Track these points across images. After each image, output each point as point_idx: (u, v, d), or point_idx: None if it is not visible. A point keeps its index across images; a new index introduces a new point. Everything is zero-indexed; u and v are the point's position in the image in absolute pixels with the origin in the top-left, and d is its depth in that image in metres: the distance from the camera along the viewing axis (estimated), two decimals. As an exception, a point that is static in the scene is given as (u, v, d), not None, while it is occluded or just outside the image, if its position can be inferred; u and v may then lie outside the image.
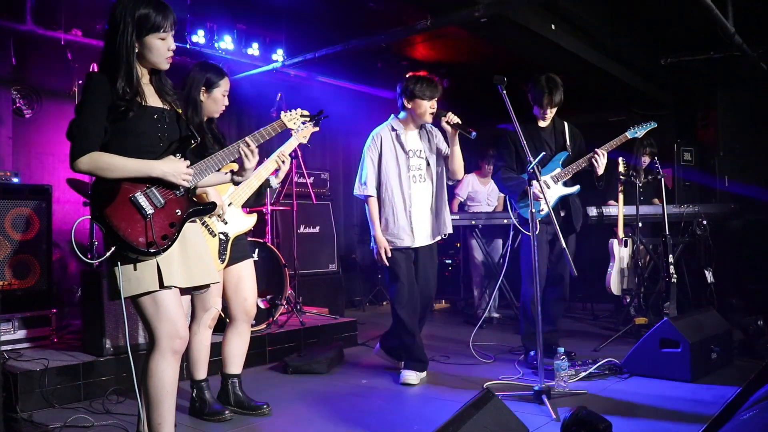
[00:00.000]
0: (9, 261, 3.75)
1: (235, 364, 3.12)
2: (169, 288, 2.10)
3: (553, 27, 5.06)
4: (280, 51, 5.85)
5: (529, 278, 3.86)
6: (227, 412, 2.99)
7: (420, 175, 3.66)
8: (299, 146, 3.34)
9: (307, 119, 2.65)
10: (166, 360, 2.12)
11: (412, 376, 3.58)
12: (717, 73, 6.41)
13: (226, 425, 2.93)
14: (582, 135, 4.10)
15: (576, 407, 2.39)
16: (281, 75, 5.99)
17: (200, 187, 2.37)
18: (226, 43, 5.66)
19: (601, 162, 3.77)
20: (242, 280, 3.05)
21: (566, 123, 4.07)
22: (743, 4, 4.52)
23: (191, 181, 2.17)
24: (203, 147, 2.69)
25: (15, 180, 4.07)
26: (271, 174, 3.18)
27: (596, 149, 3.79)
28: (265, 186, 3.22)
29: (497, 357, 4.22)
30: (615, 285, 5.21)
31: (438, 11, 4.60)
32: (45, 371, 3.19)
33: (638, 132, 3.96)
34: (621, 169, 4.83)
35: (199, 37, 5.51)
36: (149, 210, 2.07)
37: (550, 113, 3.92)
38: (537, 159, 3.26)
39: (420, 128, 3.73)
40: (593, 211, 5.21)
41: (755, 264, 5.72)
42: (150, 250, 2.04)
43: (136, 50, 2.10)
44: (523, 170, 3.58)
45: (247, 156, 2.32)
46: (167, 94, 2.23)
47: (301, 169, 5.49)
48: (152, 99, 2.18)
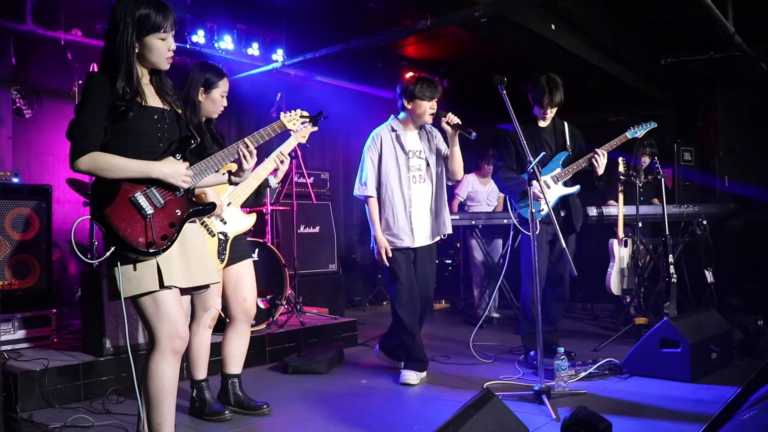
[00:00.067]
0: (9, 261, 3.75)
1: (235, 364, 3.12)
2: (169, 288, 2.10)
3: (553, 27, 5.06)
4: (280, 51, 5.84)
5: (529, 278, 3.86)
6: (227, 412, 2.99)
7: (420, 176, 3.66)
8: (299, 146, 3.34)
9: (307, 120, 2.64)
10: (166, 360, 2.12)
11: (412, 376, 3.58)
12: (717, 73, 6.41)
13: (226, 425, 2.93)
14: (582, 135, 4.10)
15: (576, 407, 2.39)
16: (281, 75, 5.99)
17: (199, 188, 2.37)
18: (226, 43, 5.66)
19: (601, 162, 3.77)
20: (241, 280, 3.05)
21: (566, 123, 4.06)
22: (743, 4, 4.52)
23: (191, 183, 2.17)
24: (202, 147, 2.69)
25: (15, 180, 4.07)
26: (270, 174, 3.17)
27: (596, 149, 3.79)
28: (264, 186, 3.22)
29: (497, 357, 4.22)
30: (615, 285, 5.21)
31: (438, 11, 4.60)
32: (45, 371, 3.19)
33: (638, 132, 3.96)
34: (621, 169, 4.83)
35: (199, 37, 5.51)
36: (149, 210, 2.07)
37: (551, 113, 3.92)
38: (537, 159, 3.26)
39: (420, 129, 3.73)
40: (593, 211, 5.21)
41: (755, 264, 5.71)
42: (150, 250, 2.04)
43: (137, 50, 2.10)
44: (523, 170, 3.58)
45: (246, 157, 2.31)
46: (167, 95, 2.23)
47: (301, 169, 5.49)
48: (152, 99, 2.18)
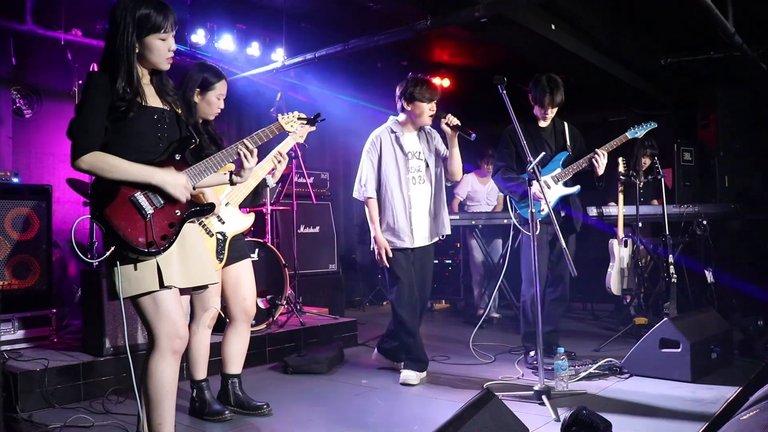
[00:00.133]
0: (9, 261, 3.75)
1: (235, 364, 3.12)
2: (169, 288, 2.10)
3: (553, 27, 5.06)
4: (280, 51, 5.84)
5: (529, 278, 3.86)
6: (227, 412, 2.99)
7: (419, 177, 3.67)
8: (299, 146, 3.34)
9: (305, 122, 2.64)
10: (166, 360, 2.12)
11: (412, 376, 3.58)
12: (717, 73, 6.41)
13: (226, 425, 2.93)
14: (582, 135, 4.09)
15: (576, 407, 2.39)
16: (281, 75, 5.99)
17: (199, 187, 2.37)
18: (226, 43, 5.66)
19: (602, 162, 3.77)
20: (241, 280, 3.05)
21: (566, 123, 4.06)
22: (743, 4, 4.52)
23: (188, 196, 2.15)
24: (199, 148, 2.69)
25: (15, 180, 4.07)
26: (268, 173, 3.17)
27: (596, 149, 3.79)
28: (262, 186, 3.22)
29: (497, 357, 4.21)
30: (615, 285, 5.21)
31: (438, 11, 4.60)
32: (45, 371, 3.18)
33: (638, 132, 3.96)
34: (621, 169, 4.83)
35: (199, 37, 5.51)
36: (149, 210, 2.07)
37: (551, 113, 3.92)
38: (537, 159, 3.26)
39: (419, 130, 3.73)
40: (593, 211, 5.20)
41: (755, 264, 5.71)
42: (150, 250, 2.04)
43: (137, 50, 2.10)
44: (524, 170, 3.58)
45: (246, 157, 2.32)
46: (168, 95, 2.23)
47: (301, 169, 5.48)
48: (152, 99, 2.18)
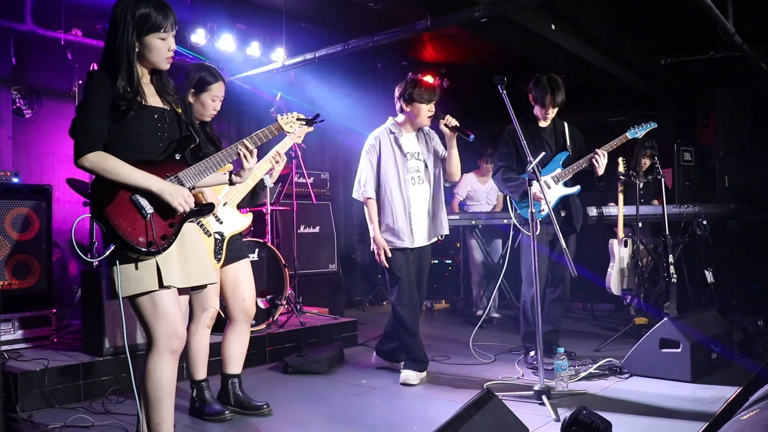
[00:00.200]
0: (9, 261, 3.75)
1: (235, 364, 3.12)
2: (168, 288, 2.10)
3: (553, 27, 5.06)
4: (280, 51, 5.83)
5: (529, 279, 3.86)
6: (227, 412, 2.99)
7: (418, 177, 3.68)
8: (298, 146, 3.34)
9: (304, 123, 2.64)
10: (164, 360, 2.12)
11: (412, 376, 3.58)
12: (717, 73, 6.41)
13: (226, 425, 2.93)
14: (582, 135, 4.09)
15: (576, 407, 2.39)
16: (281, 75, 5.98)
17: (199, 187, 2.37)
18: (226, 43, 5.65)
19: (602, 162, 3.76)
20: (240, 280, 3.05)
21: (566, 123, 4.06)
22: (743, 4, 4.52)
23: (187, 208, 2.13)
24: (197, 147, 2.69)
25: (15, 180, 4.07)
26: (266, 174, 3.17)
27: (597, 149, 3.79)
28: (260, 186, 3.22)
29: (497, 357, 4.21)
30: (615, 285, 5.21)
31: (438, 11, 4.60)
32: (45, 371, 3.18)
33: (638, 132, 3.95)
34: (621, 170, 4.83)
35: (199, 37, 5.51)
36: (149, 210, 2.07)
37: (552, 113, 3.92)
38: (537, 159, 3.26)
39: (418, 131, 3.75)
40: (593, 211, 5.20)
41: (755, 264, 5.71)
42: (150, 250, 2.04)
43: (137, 50, 2.10)
44: (524, 170, 3.58)
45: (246, 157, 2.32)
46: (168, 94, 2.23)
47: (301, 169, 5.48)
48: (152, 99, 2.18)
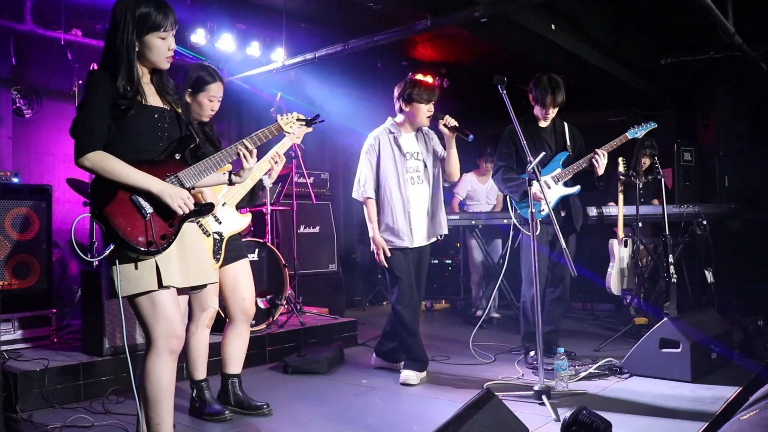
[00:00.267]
0: (9, 261, 3.75)
1: (235, 364, 3.12)
2: (167, 288, 2.10)
3: (553, 27, 5.06)
4: (280, 51, 5.83)
5: (530, 279, 3.86)
6: (227, 412, 2.99)
7: (418, 177, 3.68)
8: (298, 146, 3.34)
9: (303, 123, 2.64)
10: (163, 360, 2.12)
11: (412, 376, 3.58)
12: (717, 73, 6.41)
13: (226, 425, 2.93)
14: (582, 135, 4.09)
15: (576, 407, 2.39)
16: (281, 75, 5.99)
17: (198, 187, 2.37)
18: (226, 43, 5.65)
19: (602, 162, 3.76)
20: (239, 280, 3.05)
21: (566, 123, 4.06)
22: (743, 4, 4.52)
23: (186, 210, 2.13)
24: (195, 147, 2.69)
25: (15, 180, 4.07)
26: (265, 174, 3.18)
27: (597, 149, 3.79)
28: (259, 186, 3.22)
29: (497, 357, 4.21)
30: (615, 285, 5.21)
31: (438, 11, 4.60)
32: (45, 371, 3.18)
33: (638, 132, 3.95)
34: (621, 169, 4.83)
35: (199, 37, 5.51)
36: (148, 209, 2.07)
37: (553, 113, 3.92)
38: (537, 159, 3.26)
39: (417, 131, 3.75)
40: (593, 211, 5.20)
41: (755, 264, 5.71)
42: (149, 250, 2.04)
43: (137, 49, 2.10)
44: (524, 170, 3.58)
45: (246, 157, 2.32)
46: (168, 94, 2.23)
47: (301, 169, 5.48)
48: (153, 98, 2.18)
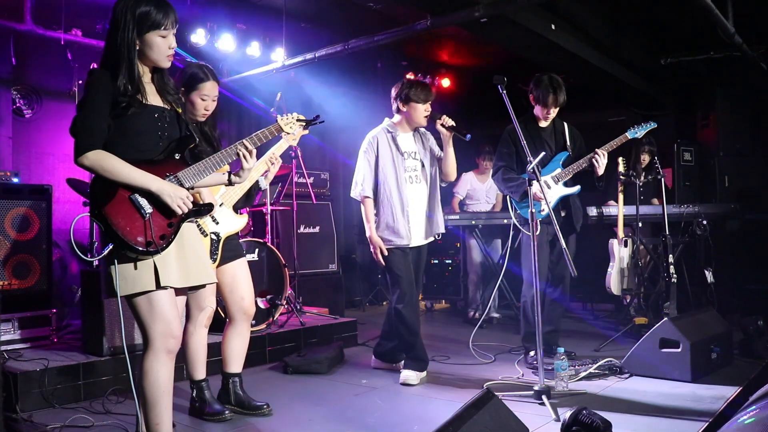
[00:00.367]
0: (9, 261, 3.75)
1: (235, 364, 3.12)
2: (165, 288, 2.10)
3: (553, 27, 5.06)
4: (280, 51, 5.83)
5: (530, 279, 3.86)
6: (227, 412, 2.99)
7: (416, 176, 3.69)
8: (298, 146, 3.33)
9: (304, 124, 2.63)
10: (160, 360, 2.12)
11: (412, 376, 3.58)
12: (717, 73, 6.41)
13: (226, 425, 2.93)
14: (582, 135, 4.09)
15: (576, 407, 2.39)
16: (281, 75, 5.99)
17: (198, 187, 2.37)
18: (226, 43, 5.65)
19: (602, 162, 3.77)
20: (237, 280, 3.04)
21: (566, 123, 4.06)
22: (743, 4, 4.52)
23: (186, 210, 2.13)
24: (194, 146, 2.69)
25: (15, 180, 4.07)
26: (261, 175, 3.17)
27: (597, 149, 3.79)
28: (255, 187, 3.22)
29: (497, 357, 4.21)
30: (615, 285, 5.20)
31: (438, 11, 4.60)
32: (45, 371, 3.18)
33: (638, 132, 3.95)
34: (621, 169, 4.83)
35: (199, 37, 5.51)
36: (148, 209, 2.07)
37: (553, 113, 3.92)
38: (537, 159, 3.26)
39: (414, 131, 3.76)
40: (593, 211, 5.20)
41: (755, 264, 5.71)
42: (148, 250, 2.04)
43: (137, 47, 2.10)
44: (524, 170, 3.58)
45: (246, 157, 2.32)
46: (168, 94, 2.23)
47: (301, 169, 5.48)
48: (153, 98, 2.17)
